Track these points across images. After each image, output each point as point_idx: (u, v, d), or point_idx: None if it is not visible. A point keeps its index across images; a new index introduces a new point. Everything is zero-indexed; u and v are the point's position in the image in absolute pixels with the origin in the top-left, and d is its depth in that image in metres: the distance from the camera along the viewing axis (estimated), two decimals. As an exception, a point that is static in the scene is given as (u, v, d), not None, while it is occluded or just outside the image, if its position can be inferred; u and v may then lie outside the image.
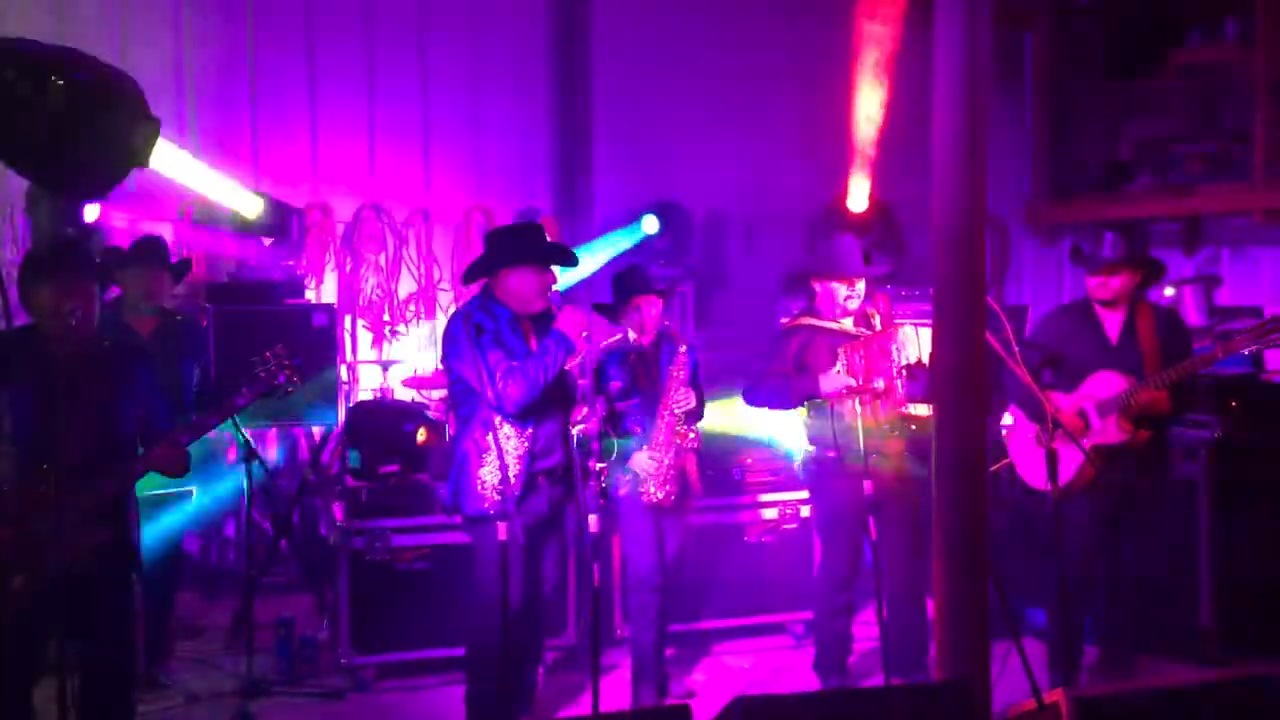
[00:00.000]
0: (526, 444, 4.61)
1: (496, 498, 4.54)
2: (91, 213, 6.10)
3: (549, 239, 4.99)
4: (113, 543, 3.89)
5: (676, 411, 5.18)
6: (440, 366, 5.64)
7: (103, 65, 2.66)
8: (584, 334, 4.55)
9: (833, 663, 5.41)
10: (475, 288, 4.90)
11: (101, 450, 3.85)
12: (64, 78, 2.46)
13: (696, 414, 5.31)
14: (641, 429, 5.21)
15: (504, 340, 4.60)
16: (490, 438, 4.56)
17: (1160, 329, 5.12)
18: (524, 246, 4.74)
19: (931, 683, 4.57)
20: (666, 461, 5.16)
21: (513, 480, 4.54)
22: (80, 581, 3.76)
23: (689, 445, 5.24)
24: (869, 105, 7.20)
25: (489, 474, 4.59)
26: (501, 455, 4.52)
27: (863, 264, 5.33)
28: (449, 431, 5.89)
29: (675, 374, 5.20)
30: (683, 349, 5.22)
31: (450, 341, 4.67)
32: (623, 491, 5.22)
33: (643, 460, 5.16)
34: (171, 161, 6.03)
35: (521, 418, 4.60)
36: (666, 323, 5.31)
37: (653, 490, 5.16)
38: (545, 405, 4.64)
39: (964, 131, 3.92)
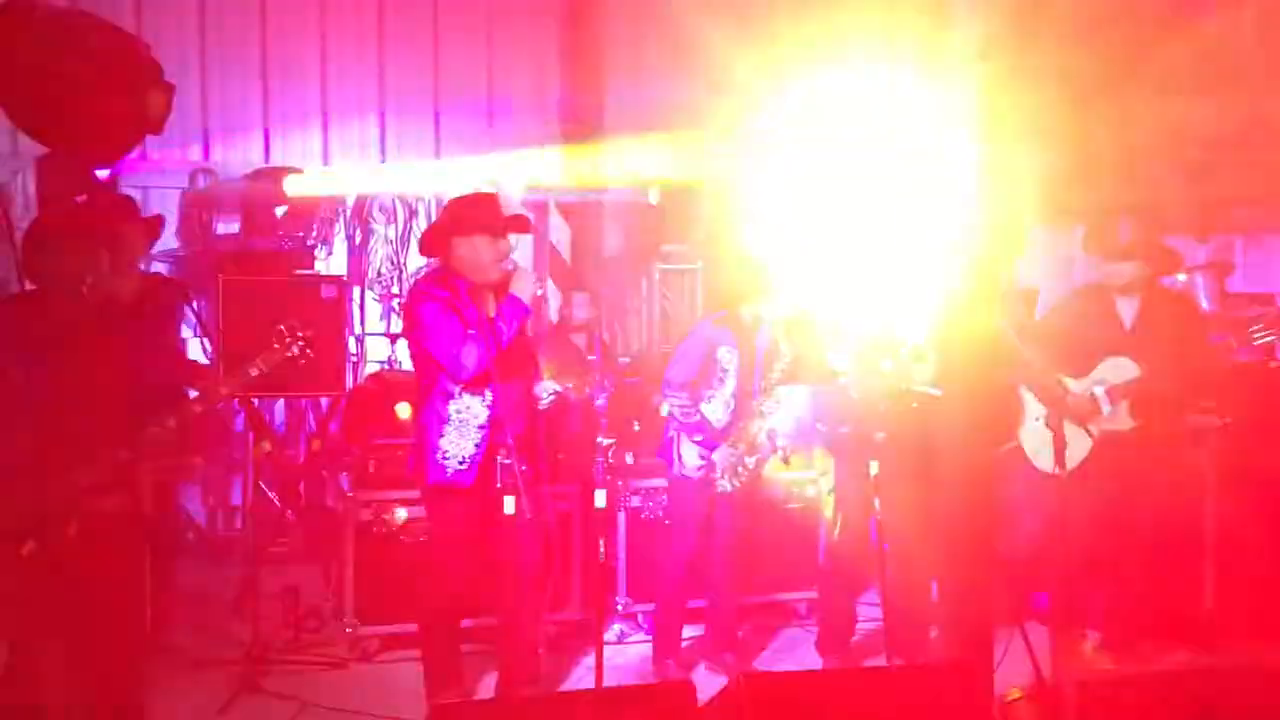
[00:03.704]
0: (487, 413, 4.59)
1: (459, 467, 4.58)
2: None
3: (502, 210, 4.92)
4: (123, 510, 3.90)
5: (767, 413, 5.19)
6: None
7: (118, 30, 2.65)
8: (537, 292, 4.52)
9: (836, 642, 5.42)
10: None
11: (112, 417, 3.85)
12: (78, 42, 2.45)
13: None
14: (731, 419, 5.22)
15: (461, 310, 4.56)
16: (450, 407, 4.59)
17: (1175, 316, 5.11)
18: (473, 215, 4.71)
19: (934, 664, 4.58)
20: (748, 462, 5.19)
21: (474, 449, 4.56)
22: (91, 548, 3.76)
23: (771, 452, 5.23)
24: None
25: (449, 444, 4.60)
26: (461, 425, 4.57)
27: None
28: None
29: (772, 377, 5.20)
30: (785, 351, 5.18)
31: (407, 312, 4.71)
32: (685, 473, 5.25)
33: (723, 452, 5.18)
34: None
35: (478, 387, 4.58)
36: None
37: (726, 481, 5.20)
38: (505, 374, 4.58)
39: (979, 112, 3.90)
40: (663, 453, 5.38)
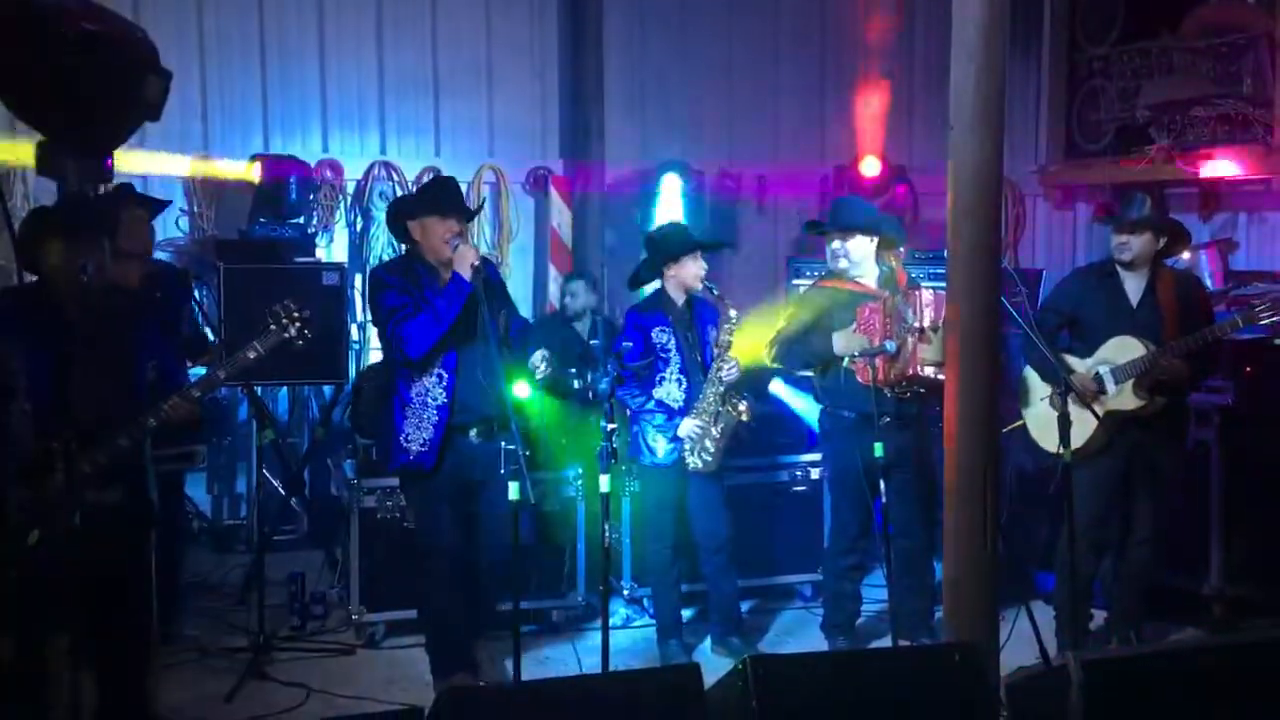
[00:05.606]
0: (445, 396, 4.59)
1: (421, 450, 4.59)
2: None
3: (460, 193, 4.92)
4: (128, 499, 3.90)
5: (725, 378, 5.15)
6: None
7: (114, 16, 2.63)
8: (474, 265, 4.50)
9: (841, 624, 5.43)
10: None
11: (117, 407, 3.85)
12: (73, 28, 2.43)
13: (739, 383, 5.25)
14: (687, 395, 5.20)
15: (416, 290, 4.59)
16: (410, 391, 4.62)
17: (1181, 294, 5.09)
18: (424, 197, 4.87)
19: (939, 645, 4.58)
20: (714, 432, 5.15)
21: (432, 431, 4.57)
22: (96, 538, 3.75)
23: (739, 417, 5.20)
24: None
25: (410, 427, 4.62)
26: (420, 408, 4.59)
27: (865, 221, 5.30)
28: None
29: (722, 340, 5.16)
30: (733, 314, 5.13)
31: (368, 298, 4.82)
32: (658, 462, 5.23)
33: (689, 426, 5.16)
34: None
35: (433, 368, 4.58)
36: (707, 284, 5.24)
37: (696, 457, 5.17)
38: (465, 355, 4.60)
39: (981, 93, 3.89)
40: (631, 450, 5.37)
